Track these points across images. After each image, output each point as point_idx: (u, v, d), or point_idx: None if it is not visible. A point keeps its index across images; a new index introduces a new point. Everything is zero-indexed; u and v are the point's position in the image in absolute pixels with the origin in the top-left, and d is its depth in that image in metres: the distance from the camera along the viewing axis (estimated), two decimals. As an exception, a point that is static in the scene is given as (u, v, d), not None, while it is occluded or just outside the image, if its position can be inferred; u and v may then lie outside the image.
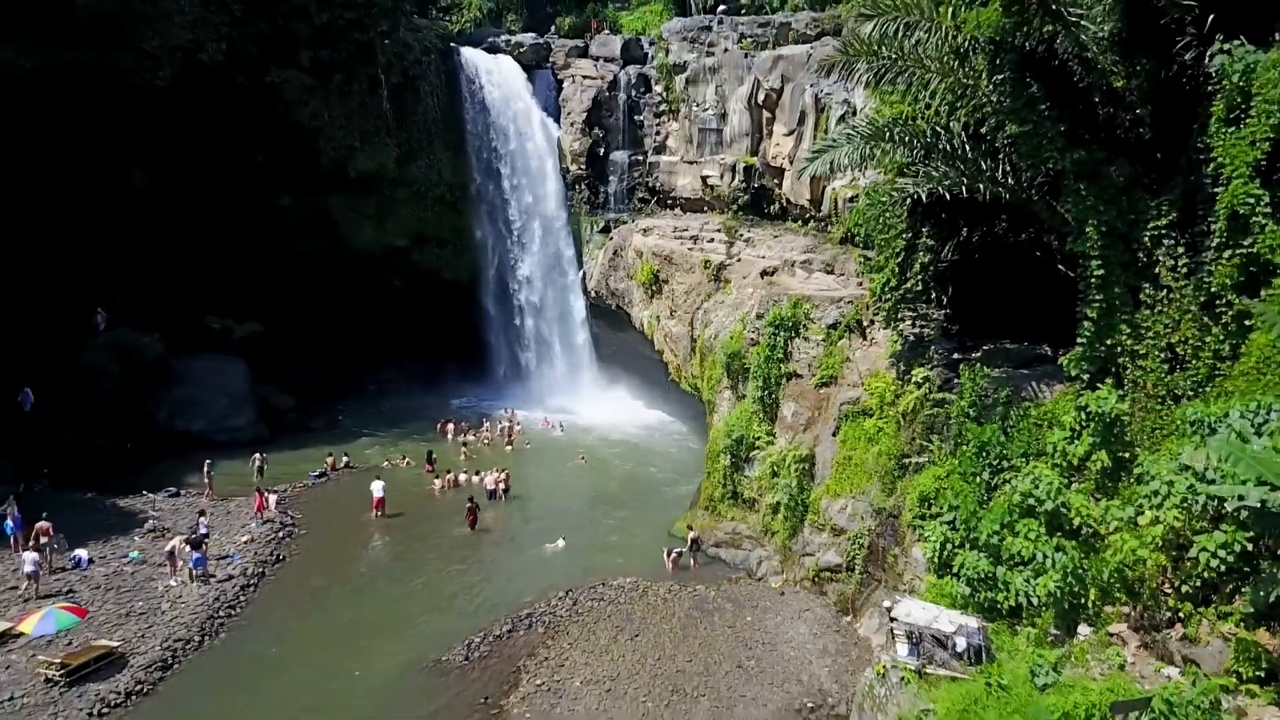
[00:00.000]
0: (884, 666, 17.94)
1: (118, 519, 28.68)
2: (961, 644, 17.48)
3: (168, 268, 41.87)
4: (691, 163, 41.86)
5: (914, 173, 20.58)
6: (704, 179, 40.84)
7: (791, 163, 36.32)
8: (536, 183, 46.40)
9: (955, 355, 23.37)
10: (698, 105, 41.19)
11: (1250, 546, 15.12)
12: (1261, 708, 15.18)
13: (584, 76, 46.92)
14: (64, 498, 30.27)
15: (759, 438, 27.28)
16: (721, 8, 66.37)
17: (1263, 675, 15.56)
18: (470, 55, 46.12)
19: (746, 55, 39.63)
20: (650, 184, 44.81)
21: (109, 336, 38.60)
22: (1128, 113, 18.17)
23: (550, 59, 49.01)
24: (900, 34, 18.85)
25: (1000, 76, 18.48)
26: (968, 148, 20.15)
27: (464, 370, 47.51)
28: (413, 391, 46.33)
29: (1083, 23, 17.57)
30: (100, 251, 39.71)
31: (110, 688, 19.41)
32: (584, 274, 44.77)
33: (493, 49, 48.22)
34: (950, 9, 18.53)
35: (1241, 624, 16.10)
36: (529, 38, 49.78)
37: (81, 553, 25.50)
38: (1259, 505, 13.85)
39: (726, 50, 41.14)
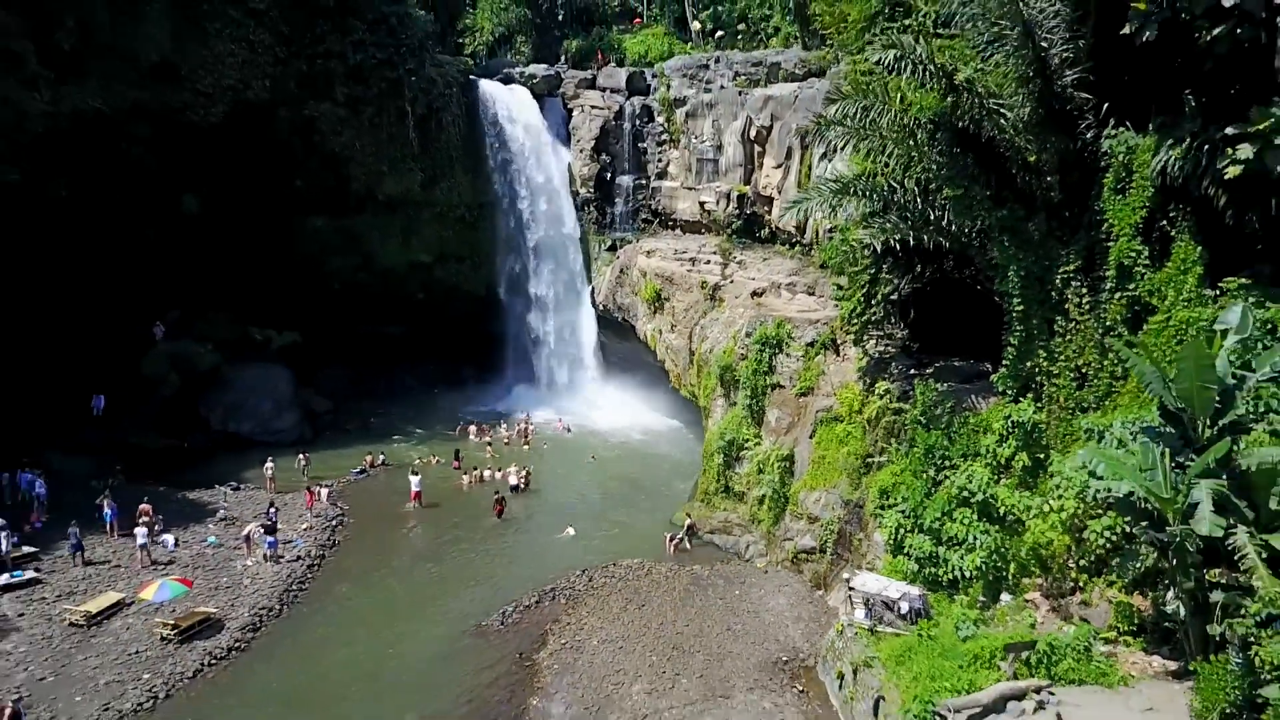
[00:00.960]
0: (842, 625, 22.29)
1: (191, 509, 33.02)
2: (905, 607, 21.77)
3: (216, 283, 46.23)
4: (690, 189, 46.14)
5: (874, 224, 24.88)
6: (702, 204, 45.12)
7: (780, 193, 40.59)
8: (549, 203, 50.54)
9: (912, 371, 27.67)
10: (696, 137, 45.45)
11: (1128, 529, 19.35)
12: (1131, 653, 19.57)
13: (592, 106, 51.14)
14: (139, 491, 34.47)
15: (747, 439, 31.67)
16: (719, 34, 70.70)
17: (1134, 629, 19.95)
18: (488, 87, 50.29)
19: (740, 93, 43.84)
20: (653, 206, 49.13)
21: (167, 347, 42.91)
22: (1041, 179, 22.46)
23: (560, 89, 53.17)
24: (859, 114, 23.15)
25: (939, 149, 22.78)
26: (918, 202, 24.45)
27: (481, 375, 51.82)
28: (434, 394, 50.57)
29: (1003, 109, 21.87)
30: (157, 269, 44.08)
31: (214, 645, 23.79)
32: (593, 289, 49.03)
33: (507, 80, 52.39)
34: (899, 95, 22.81)
35: (1123, 590, 20.49)
36: (541, 69, 53.94)
37: (169, 537, 29.86)
38: (1124, 496, 18.17)
39: (723, 87, 45.39)
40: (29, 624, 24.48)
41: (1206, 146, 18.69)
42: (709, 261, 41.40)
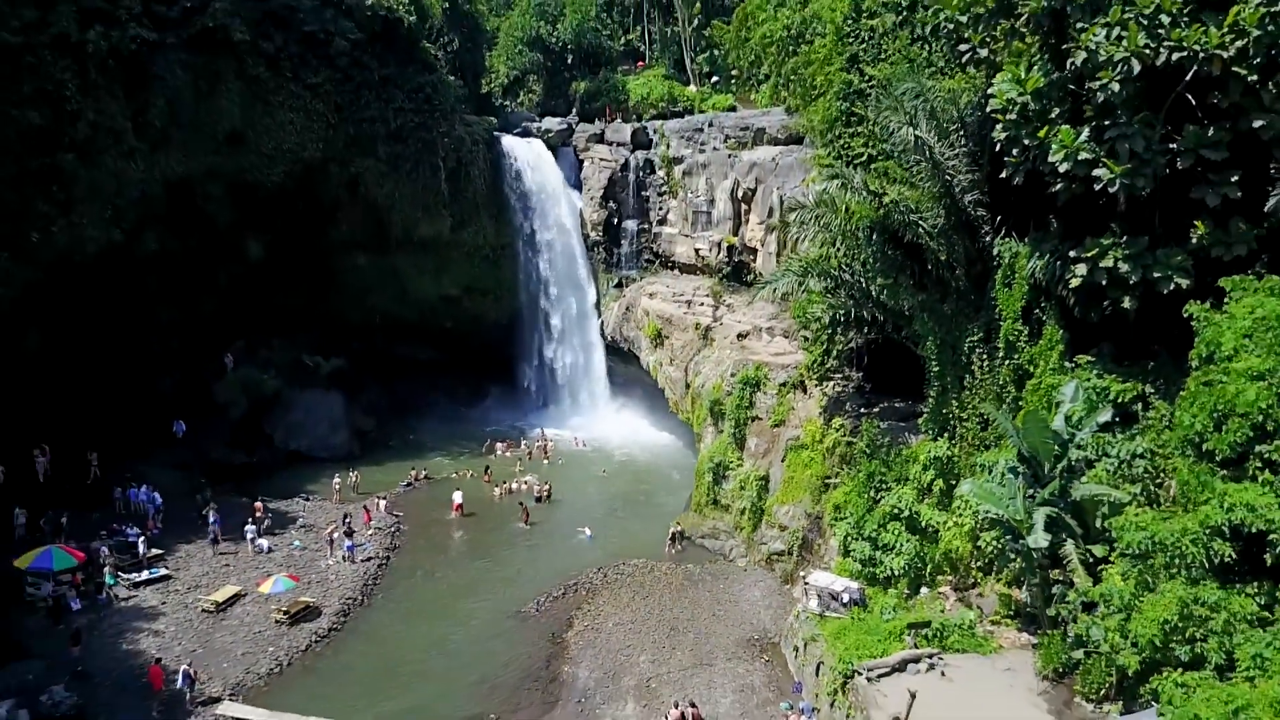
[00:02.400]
0: (798, 611, 29.32)
1: (274, 517, 39.94)
2: (846, 598, 28.73)
3: (274, 315, 53.20)
4: (687, 236, 53.08)
5: (827, 299, 31.87)
6: (697, 250, 52.05)
7: (763, 245, 47.53)
8: (562, 244, 57.43)
9: (862, 410, 34.63)
10: (692, 192, 52.37)
11: (1003, 541, 26.25)
12: (1007, 631, 26.58)
13: (601, 159, 58.04)
14: (225, 500, 41.48)
15: (732, 462, 38.70)
16: (714, 78, 77.31)
17: (1012, 614, 26.94)
18: (509, 141, 57.15)
19: (730, 155, 50.73)
20: (655, 249, 56.05)
21: (236, 375, 49.81)
22: (952, 272, 29.40)
23: (572, 140, 60.05)
24: (813, 220, 30.12)
25: (874, 247, 29.73)
26: (862, 283, 31.42)
27: (504, 394, 58.71)
28: (463, 412, 57.45)
29: (922, 219, 28.80)
30: (226, 306, 51.04)
31: (316, 627, 30.81)
32: (602, 321, 55.95)
33: (525, 133, 59.30)
34: (845, 205, 29.73)
35: (1005, 585, 27.50)
36: (555, 123, 60.82)
37: (264, 541, 36.86)
38: (997, 517, 25.16)
39: (715, 149, 52.26)
40: (171, 610, 31.50)
41: (1059, 261, 25.59)
42: (702, 304, 48.34)
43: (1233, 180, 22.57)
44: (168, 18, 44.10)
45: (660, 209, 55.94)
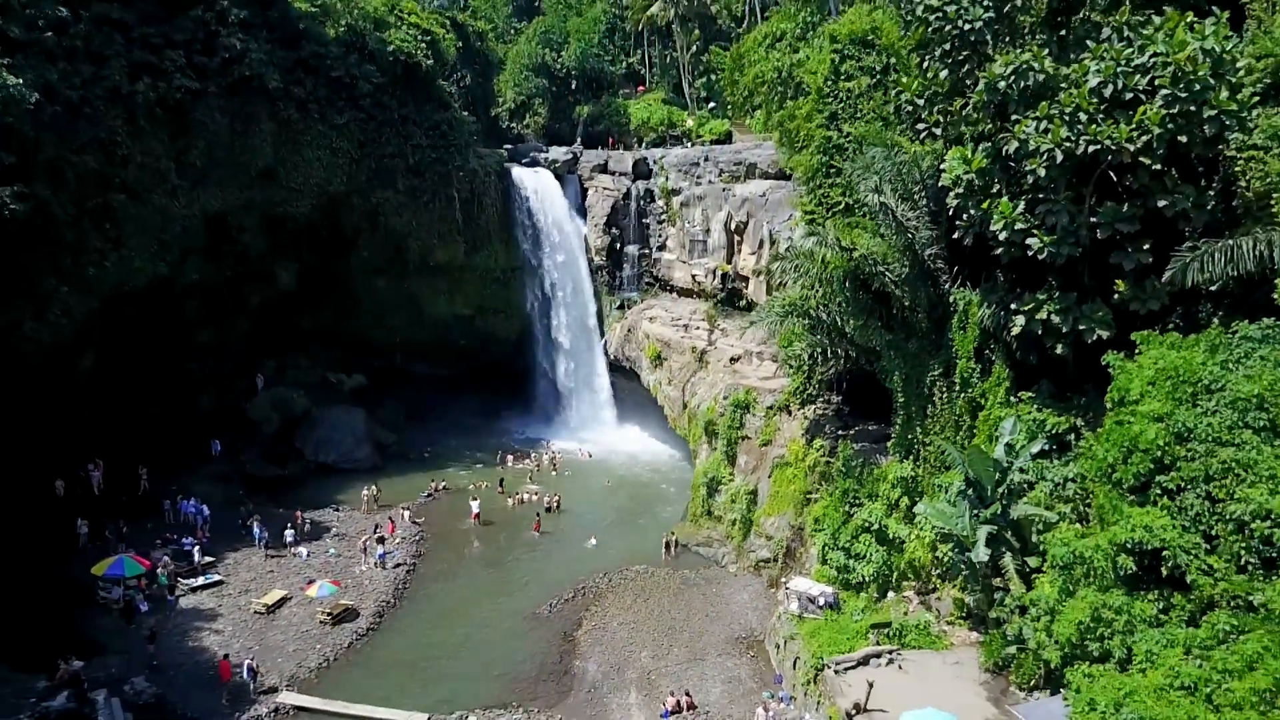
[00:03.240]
0: (780, 613, 33.39)
1: (310, 526, 43.99)
2: (822, 601, 32.78)
3: (301, 335, 57.29)
4: (684, 262, 57.08)
5: (806, 336, 35.94)
6: (693, 276, 56.07)
7: (754, 274, 51.50)
8: (568, 267, 61.43)
9: (840, 432, 38.68)
10: (689, 222, 56.37)
11: (955, 553, 30.28)
12: (959, 630, 30.61)
13: (604, 188, 62.01)
14: (263, 511, 45.53)
15: (724, 477, 42.77)
16: (711, 104, 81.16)
17: (964, 616, 30.99)
18: (518, 172, 61.13)
19: (724, 189, 54.71)
20: (655, 273, 60.08)
21: (268, 394, 53.88)
22: (915, 315, 33.46)
23: (577, 169, 64.00)
24: (794, 269, 34.16)
25: (847, 293, 33.77)
26: (837, 322, 35.46)
27: (513, 408, 62.72)
28: (475, 425, 61.37)
29: (889, 269, 32.84)
30: (258, 329, 55.10)
31: (356, 626, 34.89)
32: (605, 340, 60.00)
33: (533, 163, 63.29)
34: (821, 256, 33.76)
35: (959, 590, 31.56)
36: (562, 153, 64.70)
37: (303, 549, 40.95)
38: (949, 533, 29.23)
39: (710, 182, 56.25)
40: (226, 611, 35.62)
41: (1004, 311, 29.62)
42: (698, 328, 52.40)
43: (1145, 248, 26.61)
44: (208, 67, 48.01)
45: (660, 236, 59.91)
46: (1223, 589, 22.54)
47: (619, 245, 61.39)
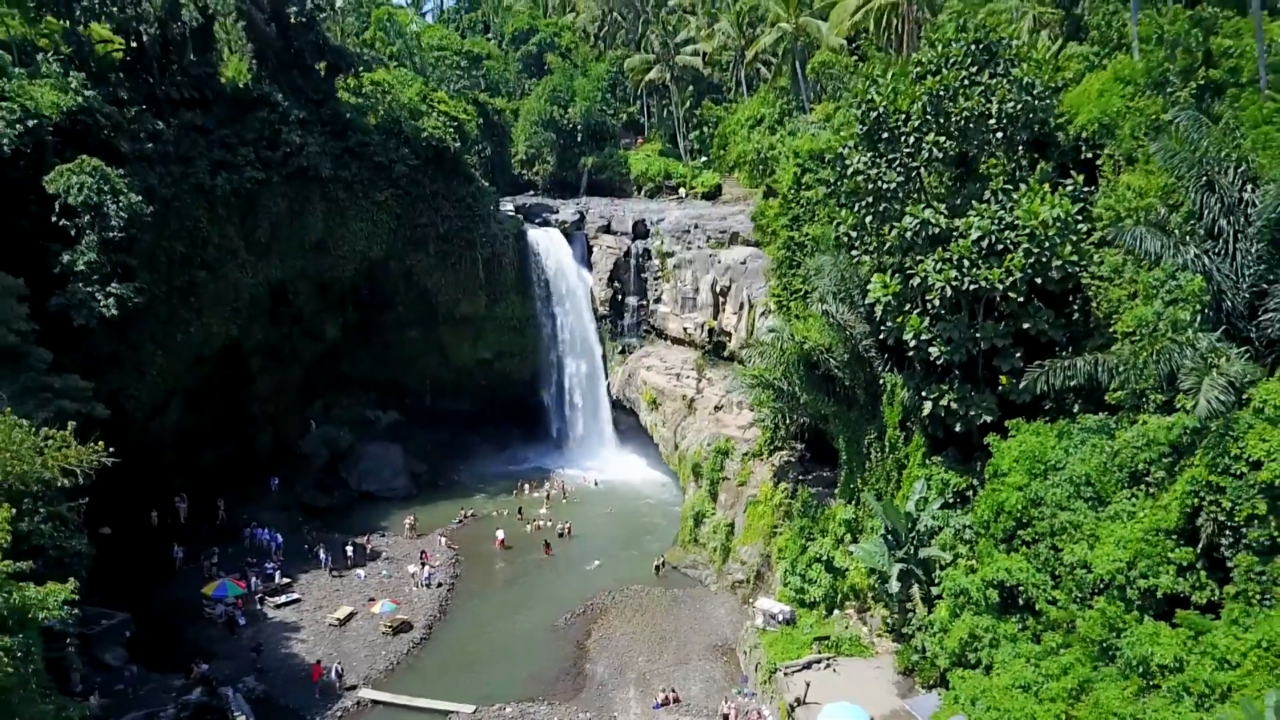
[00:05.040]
0: (748, 626, 42.21)
1: (362, 550, 52.83)
2: (781, 617, 41.52)
3: (343, 381, 66.09)
4: (677, 315, 65.81)
5: (771, 404, 44.69)
6: (684, 328, 64.83)
7: (736, 330, 60.24)
8: (576, 316, 70.17)
9: (801, 477, 47.46)
10: (681, 281, 65.10)
11: (881, 582, 39.01)
12: (885, 641, 39.39)
13: (607, 246, 70.73)
14: (320, 535, 54.34)
15: (708, 511, 51.59)
16: (704, 158, 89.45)
17: (889, 630, 39.78)
18: (533, 234, 69.84)
19: (710, 255, 63.43)
20: (651, 323, 68.83)
21: (319, 432, 62.69)
22: (854, 391, 42.21)
23: (584, 228, 72.71)
24: (758, 357, 42.91)
25: (801, 372, 42.50)
26: (795, 392, 44.22)
27: (527, 440, 71.46)
28: (494, 454, 70.14)
29: (833, 355, 41.59)
30: (308, 375, 63.90)
31: (411, 637, 43.68)
32: (608, 382, 68.77)
33: (545, 223, 72.03)
34: (780, 344, 42.47)
35: (887, 610, 40.34)
36: (570, 213, 73.34)
37: (360, 571, 49.79)
38: (874, 568, 38.02)
39: (700, 247, 64.98)
40: (306, 624, 44.46)
41: (918, 395, 38.32)
42: (689, 376, 61.18)
43: (1016, 355, 35.34)
44: (272, 160, 56.76)
45: (656, 290, 68.64)
46: (1059, 615, 31.33)
47: (620, 297, 70.11)
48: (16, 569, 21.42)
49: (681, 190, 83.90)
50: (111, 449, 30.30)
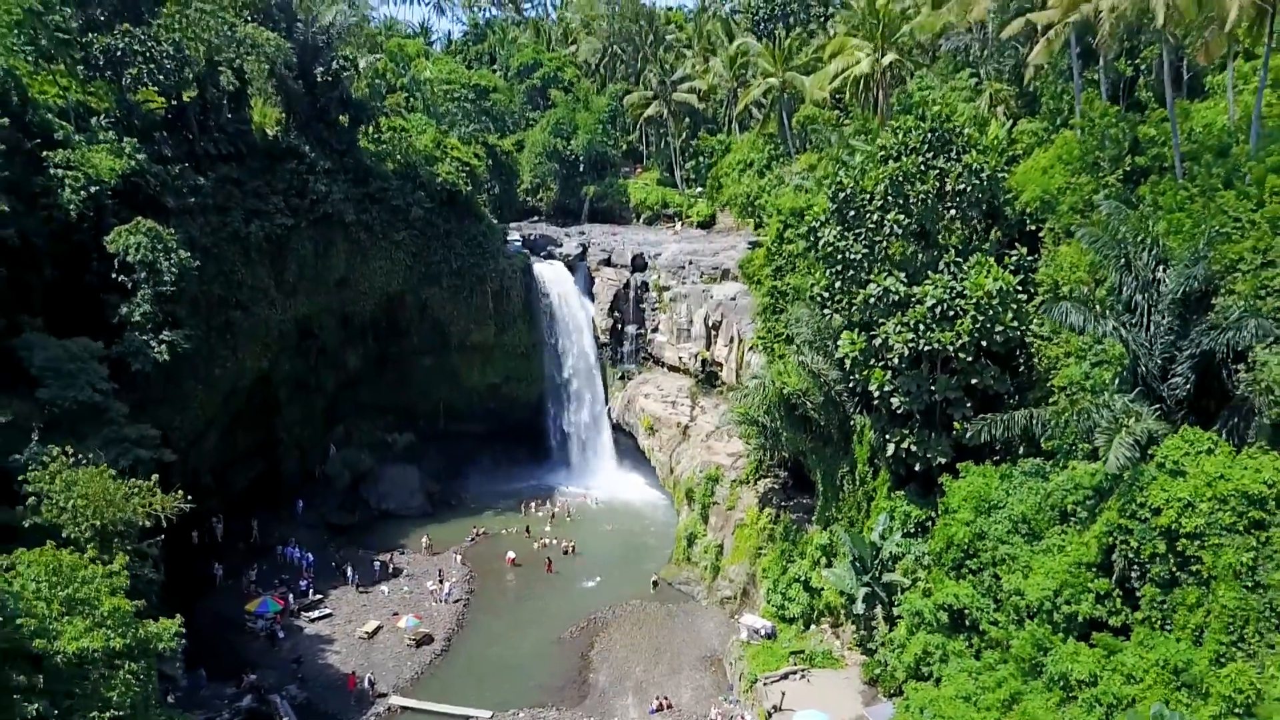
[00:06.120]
0: (734, 640, 47.29)
1: (384, 567, 57.86)
2: (763, 632, 46.58)
3: (362, 406, 71.13)
4: (673, 345, 70.81)
5: (757, 440, 49.76)
6: (680, 357, 69.84)
7: (726, 361, 65.26)
8: (579, 343, 75.10)
9: (783, 503, 52.49)
10: (676, 314, 70.11)
11: (850, 602, 44.09)
12: (855, 654, 44.49)
13: (608, 278, 75.71)
14: (346, 552, 59.41)
15: (699, 533, 56.66)
16: (699, 189, 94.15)
17: (858, 644, 44.87)
18: (539, 267, 74.79)
19: (704, 290, 68.42)
20: (649, 351, 73.83)
21: (341, 455, 67.66)
22: (828, 430, 47.19)
23: (587, 260, 77.67)
24: (743, 399, 47.94)
25: (781, 413, 47.49)
26: (777, 430, 49.24)
27: (533, 459, 76.43)
28: (502, 473, 75.00)
29: (809, 399, 46.60)
30: (330, 402, 68.97)
31: (433, 648, 48.75)
32: (609, 407, 73.80)
33: (549, 256, 77.03)
34: (763, 388, 47.46)
35: (857, 628, 45.43)
36: (574, 248, 78.27)
37: (384, 587, 54.86)
38: (845, 590, 43.12)
39: (694, 282, 69.96)
40: (339, 637, 49.52)
41: (883, 437, 43.32)
42: (683, 404, 66.22)
43: (968, 405, 40.38)
44: (300, 207, 61.73)
45: (654, 320, 73.62)
46: (998, 635, 36.36)
47: (620, 326, 75.10)
48: (136, 607, 26.40)
49: (678, 220, 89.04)
50: (179, 489, 35.28)
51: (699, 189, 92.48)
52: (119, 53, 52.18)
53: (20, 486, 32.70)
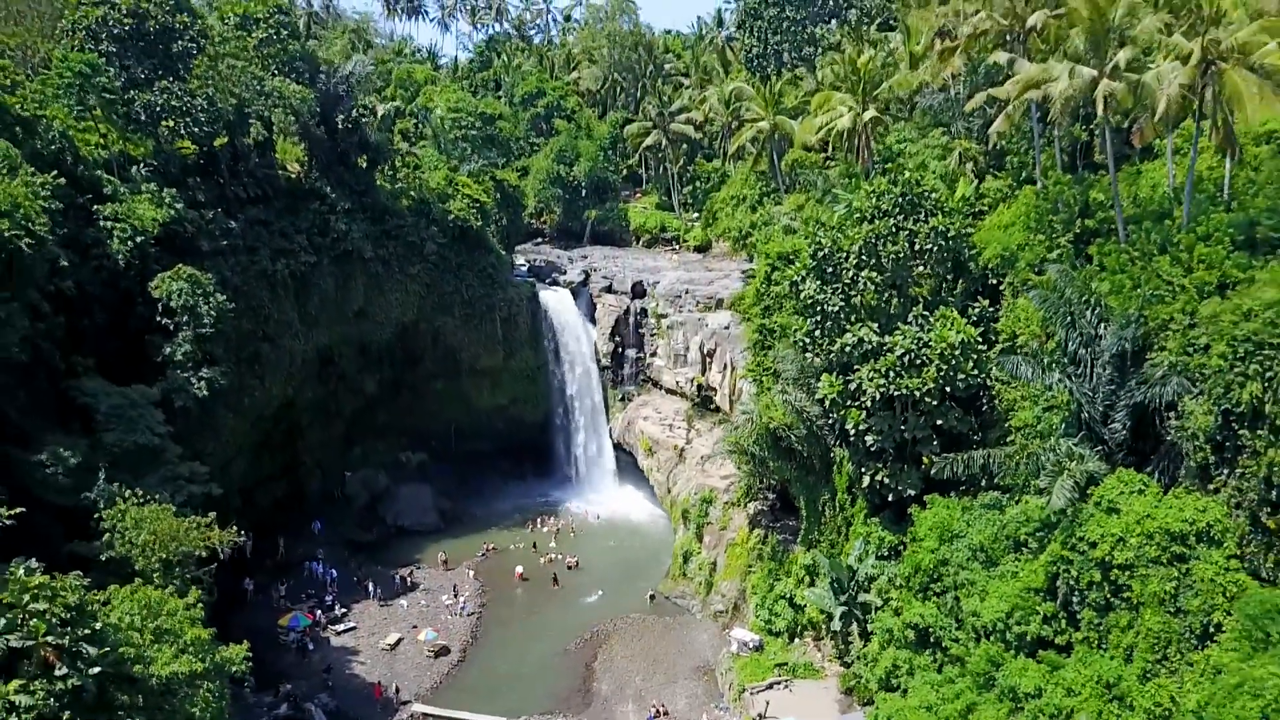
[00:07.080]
0: (725, 651, 51.78)
1: (404, 582, 62.35)
2: (751, 645, 51.05)
3: (378, 428, 75.61)
4: (670, 369, 75.26)
5: (747, 467, 54.22)
6: (677, 381, 74.30)
7: (720, 387, 69.69)
8: (581, 366, 79.56)
9: (771, 524, 56.95)
10: (673, 340, 74.54)
11: (830, 616, 48.56)
12: (834, 665, 48.98)
13: (609, 304, 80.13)
14: (365, 567, 63.92)
15: (694, 550, 61.16)
16: (696, 215, 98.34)
17: (837, 657, 49.40)
18: (544, 295, 79.25)
19: (699, 318, 72.86)
20: (648, 374, 78.27)
21: (359, 475, 72.17)
22: (811, 460, 51.68)
23: (589, 287, 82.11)
24: (733, 432, 52.39)
25: (767, 444, 51.93)
26: (764, 459, 53.70)
27: (538, 476, 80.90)
28: (509, 489, 79.43)
29: (793, 433, 51.02)
30: (348, 425, 73.44)
31: (450, 659, 53.21)
32: (610, 427, 78.28)
33: (554, 283, 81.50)
34: (752, 421, 51.86)
35: (835, 642, 49.93)
36: (577, 274, 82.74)
37: (403, 601, 59.34)
38: (821, 608, 47.63)
39: (690, 310, 74.38)
40: (363, 649, 53.99)
41: (860, 469, 47.73)
42: (680, 427, 70.70)
43: (935, 443, 44.81)
44: (322, 245, 66.12)
45: (652, 345, 78.03)
46: (958, 651, 40.80)
47: (620, 350, 79.54)
48: (211, 633, 30.87)
49: (676, 244, 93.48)
50: (235, 525, 39.70)
51: (695, 214, 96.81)
52: (158, 108, 56.53)
53: (96, 523, 37.17)
